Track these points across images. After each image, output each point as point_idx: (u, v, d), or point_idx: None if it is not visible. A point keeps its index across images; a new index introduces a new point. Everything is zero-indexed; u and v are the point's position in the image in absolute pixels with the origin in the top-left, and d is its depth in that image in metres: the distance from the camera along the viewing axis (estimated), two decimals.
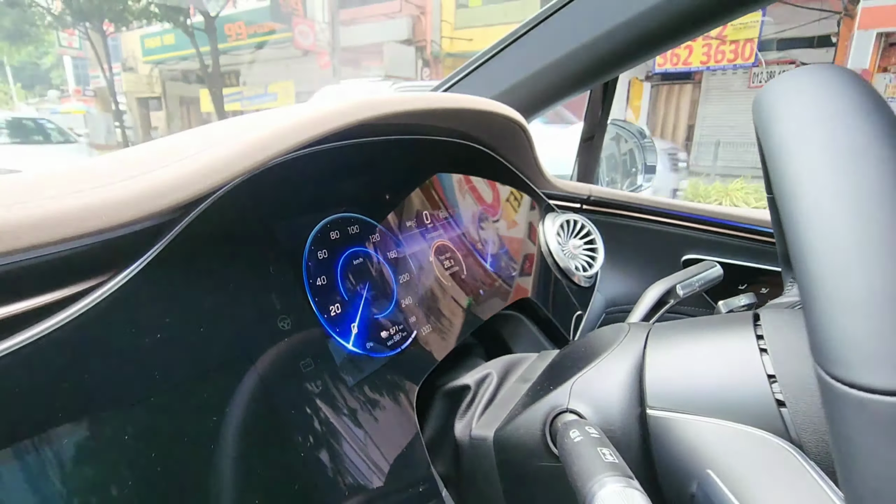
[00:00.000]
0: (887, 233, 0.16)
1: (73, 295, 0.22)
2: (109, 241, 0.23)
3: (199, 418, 0.24)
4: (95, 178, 0.24)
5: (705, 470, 0.25)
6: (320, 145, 0.33)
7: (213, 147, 0.26)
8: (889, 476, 0.15)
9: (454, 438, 0.39)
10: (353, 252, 0.35)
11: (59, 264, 0.22)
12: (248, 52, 13.73)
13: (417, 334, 0.38)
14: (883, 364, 0.15)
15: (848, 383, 0.15)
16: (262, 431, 0.27)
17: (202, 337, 0.26)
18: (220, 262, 0.28)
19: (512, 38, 0.65)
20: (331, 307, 0.32)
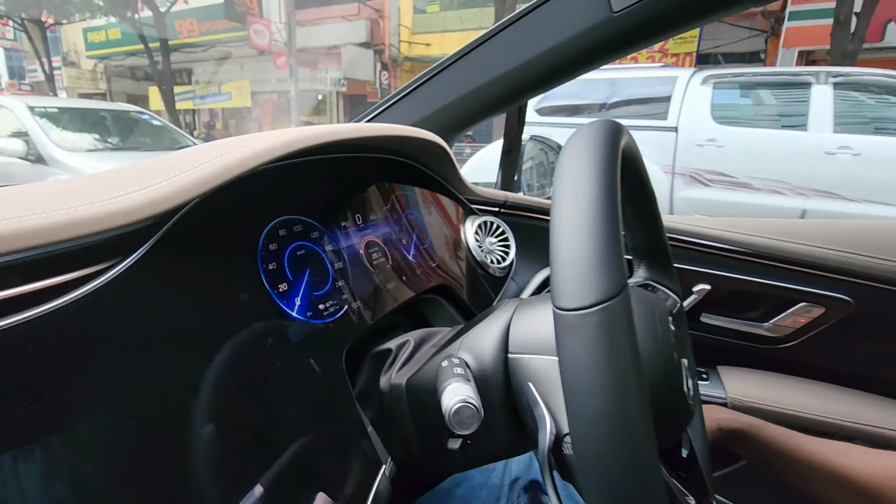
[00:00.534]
0: (580, 228, 0.29)
1: (92, 273, 0.32)
2: (119, 236, 0.33)
3: (185, 371, 0.35)
4: (105, 191, 0.35)
5: (528, 382, 0.39)
6: (276, 163, 0.44)
7: (192, 169, 0.37)
8: (576, 359, 0.27)
9: (379, 389, 0.51)
10: (297, 245, 0.47)
11: (82, 252, 0.32)
12: (201, 49, 13.35)
13: (348, 308, 0.50)
14: (575, 295, 0.28)
15: (560, 308, 0.28)
16: (230, 381, 0.37)
17: (185, 306, 0.36)
18: (198, 253, 0.38)
19: (435, 71, 0.78)
20: (279, 285, 0.44)
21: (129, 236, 0.34)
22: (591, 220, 0.29)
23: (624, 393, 0.26)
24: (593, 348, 0.27)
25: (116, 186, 0.34)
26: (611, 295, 0.27)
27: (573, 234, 0.29)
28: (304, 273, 0.47)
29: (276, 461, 0.38)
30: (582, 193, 0.30)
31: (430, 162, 0.72)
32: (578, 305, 0.27)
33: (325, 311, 0.47)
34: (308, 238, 0.48)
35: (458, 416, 0.39)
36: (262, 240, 0.44)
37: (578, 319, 0.27)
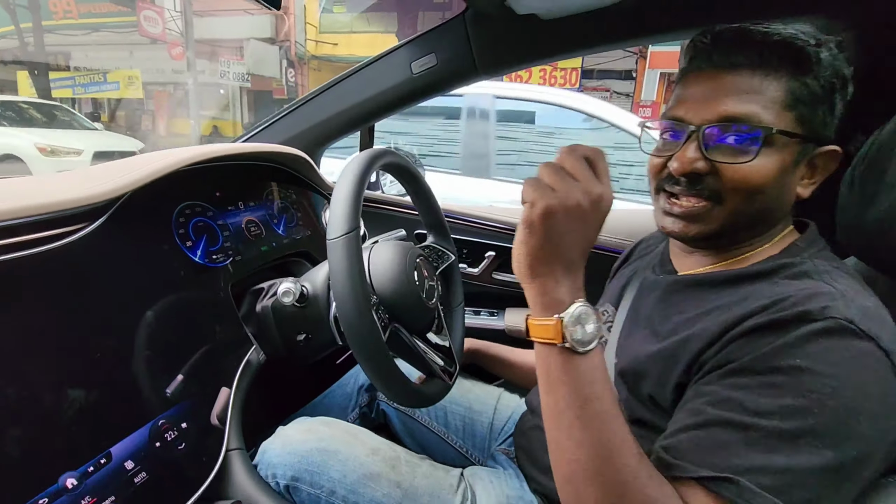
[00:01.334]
0: (338, 202, 0.62)
1: (76, 229, 0.59)
2: (90, 210, 0.61)
3: (130, 293, 0.62)
4: (82, 183, 0.62)
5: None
6: (187, 167, 0.72)
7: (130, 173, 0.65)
8: (333, 263, 0.60)
9: (256, 312, 0.81)
10: (197, 219, 0.76)
11: (69, 218, 0.59)
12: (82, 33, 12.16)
13: (233, 259, 0.79)
14: (332, 232, 0.61)
15: (329, 238, 0.61)
16: (159, 301, 0.65)
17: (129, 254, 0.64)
18: (136, 222, 0.66)
19: (303, 101, 1.09)
20: (186, 242, 0.72)
21: (95, 210, 0.61)
22: (342, 199, 0.62)
23: (349, 289, 0.59)
24: (338, 260, 0.60)
25: (89, 180, 0.62)
26: (345, 232, 0.60)
27: (335, 204, 0.62)
28: (203, 236, 0.76)
29: (190, 358, 0.67)
30: (343, 187, 0.64)
31: (297, 167, 1.03)
32: (332, 237, 0.60)
33: (217, 259, 0.77)
34: (205, 215, 0.78)
35: (286, 293, 0.72)
36: (175, 215, 0.73)
37: (332, 244, 0.60)
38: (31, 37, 9.88)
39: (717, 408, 0.43)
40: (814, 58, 0.49)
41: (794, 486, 0.39)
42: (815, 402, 0.40)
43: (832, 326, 0.42)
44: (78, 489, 0.48)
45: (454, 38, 0.94)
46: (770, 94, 0.50)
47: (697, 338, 0.49)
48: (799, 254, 0.52)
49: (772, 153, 0.50)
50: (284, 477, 0.62)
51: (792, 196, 0.54)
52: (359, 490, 0.61)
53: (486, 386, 0.99)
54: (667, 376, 0.51)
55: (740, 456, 0.41)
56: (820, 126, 0.52)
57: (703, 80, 0.53)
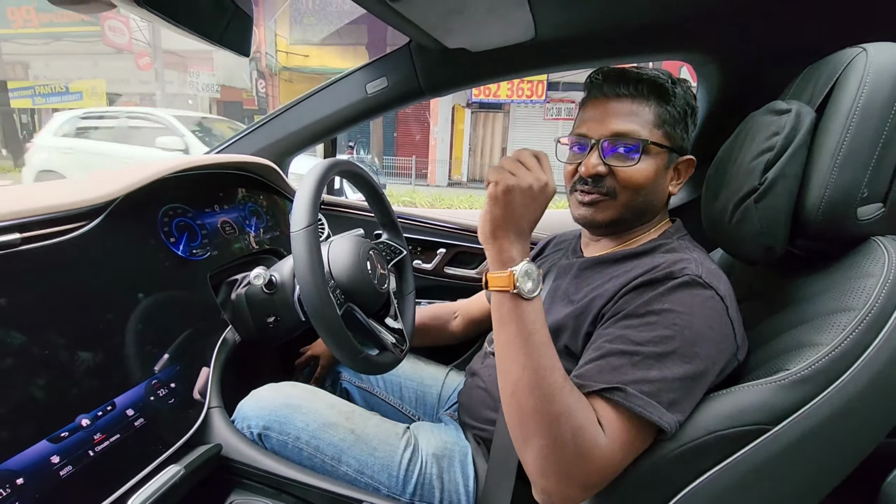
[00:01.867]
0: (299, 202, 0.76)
1: (73, 227, 0.72)
2: (90, 210, 0.73)
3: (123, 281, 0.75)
4: (87, 188, 0.74)
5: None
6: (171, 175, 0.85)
7: (121, 180, 0.78)
8: (295, 252, 0.74)
9: (231, 300, 0.94)
10: (179, 219, 0.89)
11: (74, 216, 0.71)
12: (42, 42, 11.87)
13: (210, 253, 0.92)
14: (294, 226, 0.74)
15: (292, 231, 0.75)
16: (146, 289, 0.78)
17: (122, 247, 0.77)
18: (127, 221, 0.79)
19: (272, 116, 1.23)
20: (170, 239, 0.85)
21: (94, 211, 0.74)
22: (303, 199, 0.77)
23: (310, 271, 0.72)
24: (300, 248, 0.73)
25: (90, 185, 0.75)
26: (306, 225, 0.74)
27: (297, 203, 0.76)
28: (184, 234, 0.89)
29: (175, 340, 0.79)
30: (304, 189, 0.78)
31: (267, 175, 1.17)
32: (294, 230, 0.74)
33: (196, 254, 0.90)
34: (186, 216, 0.91)
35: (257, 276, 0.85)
36: (160, 215, 0.86)
37: (295, 235, 0.74)
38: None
39: (612, 343, 0.59)
40: (671, 91, 0.69)
41: (664, 391, 0.55)
42: (677, 332, 0.56)
43: (687, 280, 0.60)
44: (90, 427, 0.60)
45: (402, 64, 1.10)
46: (644, 116, 0.69)
47: (600, 297, 0.66)
48: (670, 237, 0.72)
49: (649, 160, 0.69)
50: (257, 427, 0.75)
51: (665, 193, 0.74)
52: (319, 436, 0.75)
53: (437, 365, 1.14)
54: (579, 328, 0.67)
55: (628, 373, 0.56)
56: (680, 140, 0.72)
57: (597, 105, 0.72)
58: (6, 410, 0.53)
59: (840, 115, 0.60)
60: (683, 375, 0.56)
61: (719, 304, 0.59)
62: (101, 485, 0.59)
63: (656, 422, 0.54)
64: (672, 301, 0.59)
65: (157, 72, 9.43)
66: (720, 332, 0.58)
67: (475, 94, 10.90)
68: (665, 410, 0.54)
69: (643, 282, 0.62)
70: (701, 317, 0.58)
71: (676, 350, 0.56)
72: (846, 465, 0.58)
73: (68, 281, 0.66)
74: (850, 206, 0.60)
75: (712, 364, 0.57)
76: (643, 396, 0.55)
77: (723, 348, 0.58)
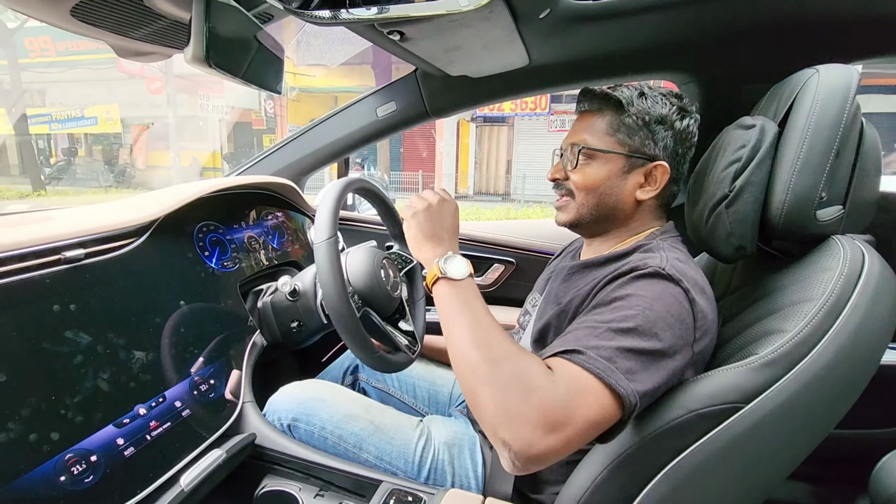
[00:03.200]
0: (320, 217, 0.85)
1: (124, 244, 0.81)
2: (137, 229, 0.83)
3: (166, 289, 0.84)
4: (133, 208, 0.84)
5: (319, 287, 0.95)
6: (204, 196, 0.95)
7: (162, 202, 0.88)
8: (318, 263, 0.83)
9: (258, 307, 1.04)
10: (212, 235, 0.99)
11: (125, 234, 0.81)
12: (59, 70, 12.28)
13: (239, 265, 1.02)
14: (316, 238, 0.84)
15: (314, 242, 0.84)
16: (186, 297, 0.87)
17: (165, 259, 0.86)
18: (168, 237, 0.89)
19: (289, 140, 1.33)
20: (204, 252, 0.95)
21: (141, 229, 0.84)
22: (324, 214, 0.86)
23: (331, 278, 0.82)
24: (322, 258, 0.83)
25: (137, 207, 0.85)
26: (327, 237, 0.83)
27: (318, 218, 0.86)
28: (216, 248, 0.99)
29: (209, 344, 0.88)
30: (324, 205, 0.87)
31: (286, 194, 1.27)
32: (317, 241, 0.84)
33: (227, 266, 0.99)
34: (217, 232, 1.01)
35: (284, 284, 0.94)
36: (195, 232, 0.95)
37: (317, 246, 0.83)
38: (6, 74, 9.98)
39: (578, 325, 0.64)
40: (626, 102, 0.75)
41: (620, 358, 0.57)
42: (639, 312, 0.60)
43: (650, 272, 0.64)
44: (146, 416, 0.69)
45: (409, 89, 1.21)
46: (597, 127, 0.78)
47: (578, 297, 0.73)
48: (653, 239, 0.76)
49: (598, 164, 0.77)
50: (287, 418, 0.84)
51: (629, 196, 0.78)
52: (342, 426, 0.83)
53: (448, 367, 1.22)
54: (560, 326, 0.75)
55: (589, 340, 0.59)
56: (641, 146, 0.76)
57: (575, 121, 0.82)
58: (80, 399, 0.63)
59: (797, 129, 0.69)
60: (641, 349, 0.58)
61: (681, 294, 0.63)
62: (158, 464, 0.68)
63: (612, 385, 0.55)
64: (636, 287, 0.64)
65: (169, 96, 9.72)
66: (679, 319, 0.61)
67: (479, 109, 11.08)
68: (622, 376, 0.56)
69: (611, 276, 0.68)
70: (662, 302, 0.61)
71: (637, 327, 0.59)
72: (812, 439, 0.65)
73: (123, 289, 0.75)
74: (808, 209, 0.68)
75: (670, 347, 0.60)
76: (601, 360, 0.57)
77: (679, 335, 0.61)
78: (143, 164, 13.15)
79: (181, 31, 0.75)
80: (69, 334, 0.65)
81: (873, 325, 0.62)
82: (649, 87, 0.79)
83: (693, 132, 0.79)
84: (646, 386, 0.58)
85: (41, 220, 0.80)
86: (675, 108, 0.77)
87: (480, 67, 1.06)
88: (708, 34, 0.97)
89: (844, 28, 0.91)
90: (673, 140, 0.77)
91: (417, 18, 0.72)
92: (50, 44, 11.99)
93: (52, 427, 0.59)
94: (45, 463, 0.57)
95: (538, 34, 0.92)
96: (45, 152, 13.60)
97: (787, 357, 0.62)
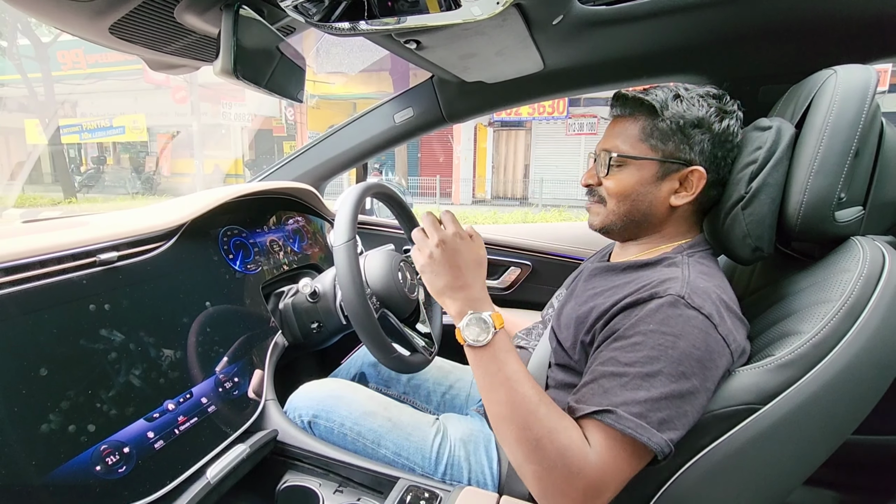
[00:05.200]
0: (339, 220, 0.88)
1: (154, 247, 0.85)
2: (165, 233, 0.87)
3: (192, 290, 0.88)
4: (159, 213, 0.88)
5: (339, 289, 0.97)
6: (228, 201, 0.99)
7: (188, 207, 0.92)
8: (338, 266, 0.85)
9: (280, 308, 1.07)
10: (235, 238, 1.02)
11: (154, 238, 0.85)
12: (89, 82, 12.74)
13: (262, 268, 1.05)
14: (335, 241, 0.86)
15: (333, 245, 0.87)
16: (210, 298, 0.91)
17: (192, 262, 0.90)
18: (195, 241, 0.92)
19: (308, 147, 1.37)
20: (228, 255, 0.98)
21: (169, 233, 0.88)
22: (343, 217, 0.88)
23: (350, 280, 0.84)
24: (342, 260, 0.85)
25: (164, 212, 0.89)
26: (346, 240, 0.86)
27: (338, 221, 0.88)
28: (240, 251, 1.02)
29: (233, 343, 0.91)
30: (343, 208, 0.90)
31: (307, 199, 1.30)
32: (336, 244, 0.86)
33: (250, 268, 1.03)
34: (241, 235, 1.04)
35: (305, 285, 0.97)
36: (220, 236, 0.99)
37: (337, 248, 0.86)
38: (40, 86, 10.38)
39: (603, 366, 0.63)
40: (659, 106, 0.73)
41: (652, 411, 0.57)
42: (662, 352, 0.59)
43: (671, 301, 0.62)
44: (175, 411, 0.72)
45: (426, 96, 1.23)
46: (629, 132, 0.76)
47: (595, 309, 0.72)
48: (681, 252, 0.73)
49: (630, 171, 0.75)
50: (307, 415, 0.86)
51: (662, 203, 0.75)
52: (360, 422, 0.85)
53: (465, 367, 1.23)
54: (576, 334, 0.74)
55: (617, 395, 0.59)
56: (676, 151, 0.73)
57: (608, 126, 0.81)
58: (114, 394, 0.66)
59: (814, 130, 0.69)
60: (670, 394, 0.58)
61: (704, 322, 0.61)
62: (186, 457, 0.71)
63: (645, 443, 0.56)
64: (657, 322, 0.61)
65: (193, 104, 9.99)
66: (705, 350, 0.60)
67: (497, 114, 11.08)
68: (655, 431, 0.57)
69: (630, 302, 0.65)
70: (685, 338, 0.60)
71: (662, 370, 0.59)
72: (830, 442, 0.65)
73: (152, 290, 0.79)
74: (826, 210, 0.68)
75: (701, 382, 0.60)
76: (632, 418, 0.57)
77: (709, 366, 0.60)
78: (168, 171, 13.53)
79: (210, 45, 0.78)
80: (104, 332, 0.68)
81: (894, 326, 0.62)
82: (686, 87, 0.76)
83: (734, 132, 0.75)
84: (679, 429, 0.59)
85: (77, 225, 0.84)
86: (713, 109, 0.73)
87: (495, 73, 1.07)
88: (723, 36, 0.97)
89: (862, 28, 0.90)
90: (711, 143, 0.73)
91: (433, 28, 0.74)
92: (81, 56, 12.45)
93: (88, 419, 0.62)
94: (83, 453, 0.60)
95: (552, 40, 0.93)
96: (75, 161, 14.11)
97: (804, 358, 0.61)
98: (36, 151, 12.52)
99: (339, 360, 1.34)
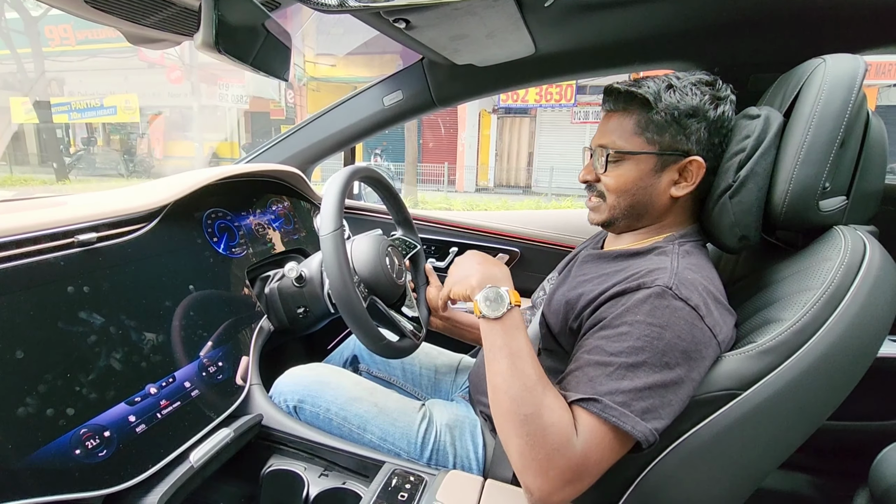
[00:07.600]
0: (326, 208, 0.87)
1: (135, 229, 0.84)
2: (148, 214, 0.85)
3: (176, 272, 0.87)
4: (141, 194, 0.87)
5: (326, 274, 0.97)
6: (212, 183, 0.97)
7: (171, 188, 0.90)
8: (324, 253, 0.84)
9: (265, 293, 1.06)
10: (220, 221, 1.01)
11: (135, 218, 0.83)
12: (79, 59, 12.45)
13: (247, 251, 1.04)
14: (322, 230, 0.85)
15: (321, 234, 0.85)
16: (194, 281, 0.90)
17: (174, 244, 0.89)
18: (178, 223, 0.91)
19: (296, 129, 1.35)
20: (213, 238, 0.97)
21: (151, 214, 0.86)
22: (329, 205, 0.87)
23: (338, 270, 0.82)
24: (328, 249, 0.83)
25: (146, 193, 0.87)
26: (334, 229, 0.85)
27: (324, 209, 0.87)
28: (224, 234, 1.01)
29: (218, 328, 0.90)
30: (330, 195, 0.89)
31: (293, 182, 1.29)
32: (323, 234, 0.85)
33: (235, 251, 1.02)
34: (225, 218, 1.03)
35: (290, 269, 0.96)
36: (204, 218, 0.98)
37: (324, 238, 0.85)
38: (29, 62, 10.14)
39: (589, 354, 0.64)
40: (652, 98, 0.72)
41: (636, 400, 0.58)
42: (648, 343, 0.60)
43: (658, 291, 0.63)
44: (157, 395, 0.72)
45: (415, 79, 1.21)
46: (624, 127, 0.74)
47: (584, 297, 0.72)
48: (672, 241, 0.73)
49: (628, 166, 0.74)
50: (293, 400, 0.86)
51: (663, 195, 0.74)
52: (346, 407, 0.85)
53: (452, 354, 1.23)
54: (565, 319, 0.75)
55: (602, 384, 0.60)
56: (672, 143, 0.72)
57: (602, 120, 0.79)
58: (94, 377, 0.65)
59: (802, 119, 0.68)
60: (654, 384, 0.59)
61: (691, 314, 0.62)
62: (169, 441, 0.71)
63: (629, 431, 0.58)
64: (644, 312, 0.62)
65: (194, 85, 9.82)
66: (691, 341, 0.61)
67: (502, 100, 10.94)
68: (639, 419, 0.58)
69: (617, 291, 0.66)
70: (671, 328, 0.61)
71: (647, 361, 0.60)
72: (806, 427, 0.65)
73: (134, 273, 0.78)
74: (811, 199, 0.68)
75: (686, 372, 0.61)
76: (617, 406, 0.58)
77: (695, 357, 0.61)
78: (160, 153, 13.33)
79: (191, 17, 0.76)
80: (83, 315, 0.68)
81: (872, 315, 0.62)
82: (678, 76, 0.74)
83: (729, 118, 0.74)
84: (664, 418, 0.60)
85: (55, 204, 0.83)
86: (707, 97, 0.72)
87: (486, 56, 1.06)
88: (714, 23, 0.96)
89: (852, 17, 0.89)
90: (707, 131, 0.72)
91: (423, 6, 0.73)
92: (70, 32, 12.14)
93: (67, 403, 0.62)
94: (61, 437, 0.60)
95: (544, 23, 0.91)
96: (62, 141, 13.85)
97: (784, 345, 0.62)
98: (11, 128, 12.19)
99: (325, 345, 1.34)
